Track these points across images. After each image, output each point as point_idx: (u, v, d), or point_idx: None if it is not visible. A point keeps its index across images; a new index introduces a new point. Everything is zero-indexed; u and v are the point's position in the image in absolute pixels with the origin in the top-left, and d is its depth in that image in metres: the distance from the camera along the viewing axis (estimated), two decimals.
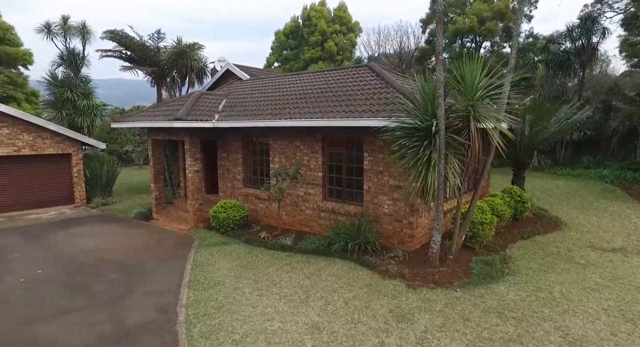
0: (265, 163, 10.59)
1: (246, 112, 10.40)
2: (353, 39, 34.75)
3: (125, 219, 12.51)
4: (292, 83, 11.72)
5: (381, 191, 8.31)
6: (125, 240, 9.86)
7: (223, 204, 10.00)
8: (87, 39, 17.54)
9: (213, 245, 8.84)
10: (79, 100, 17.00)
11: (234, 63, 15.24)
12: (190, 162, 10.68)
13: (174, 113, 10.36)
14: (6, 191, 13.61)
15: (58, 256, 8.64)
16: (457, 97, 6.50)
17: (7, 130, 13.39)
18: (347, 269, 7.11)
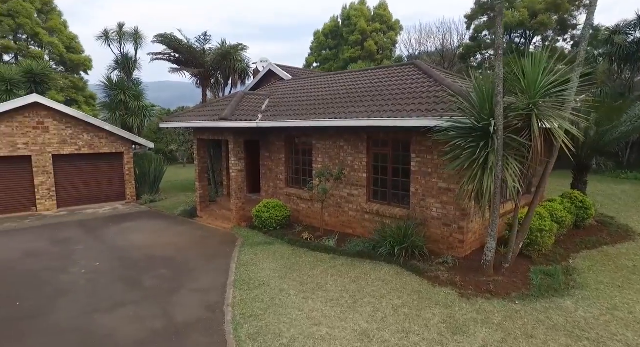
0: (308, 163, 10.52)
1: (289, 112, 10.39)
2: (393, 38, 34.06)
3: (172, 216, 12.96)
4: (335, 82, 11.58)
5: (429, 193, 7.95)
6: (172, 236, 10.17)
7: (266, 204, 10.05)
8: (139, 44, 18.49)
9: (256, 244, 8.88)
10: (131, 102, 17.90)
11: (275, 63, 15.36)
12: (234, 161, 10.84)
13: (219, 113, 10.55)
14: (69, 187, 14.57)
15: (112, 249, 9.06)
16: (519, 95, 6.03)
17: (71, 130, 14.33)
18: (394, 274, 6.83)
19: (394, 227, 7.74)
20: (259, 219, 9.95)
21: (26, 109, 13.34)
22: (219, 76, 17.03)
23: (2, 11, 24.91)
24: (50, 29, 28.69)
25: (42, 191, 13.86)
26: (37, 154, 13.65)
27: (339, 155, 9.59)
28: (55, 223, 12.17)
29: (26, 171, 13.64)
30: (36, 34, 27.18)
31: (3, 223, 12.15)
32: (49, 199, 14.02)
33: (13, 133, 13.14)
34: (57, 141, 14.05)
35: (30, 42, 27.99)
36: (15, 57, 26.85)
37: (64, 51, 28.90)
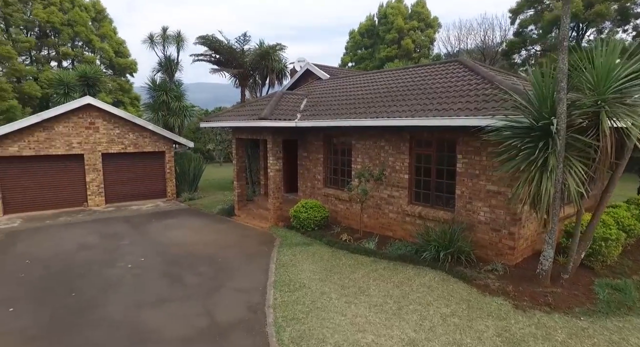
0: (347, 163, 10.34)
1: (328, 112, 10.26)
2: (431, 35, 33.09)
3: (210, 214, 13.22)
4: (375, 81, 11.31)
5: (476, 196, 7.52)
6: (211, 234, 10.34)
7: (304, 204, 9.97)
8: (181, 46, 19.09)
9: (295, 245, 8.82)
10: (172, 102, 18.51)
11: (313, 63, 15.31)
12: (273, 161, 10.86)
13: (259, 113, 10.61)
14: (116, 184, 15.29)
15: (155, 245, 9.33)
16: (585, 91, 5.51)
17: (118, 130, 15.03)
18: (440, 281, 6.50)
19: (438, 231, 7.38)
20: (297, 219, 9.89)
21: (80, 110, 14.12)
22: (257, 76, 17.23)
23: (63, 21, 26.67)
24: (101, 35, 30.42)
25: (93, 187, 14.62)
26: (88, 152, 14.41)
27: (379, 155, 9.33)
28: (103, 218, 12.78)
29: (79, 169, 14.45)
30: (90, 41, 28.90)
31: (60, 217, 12.92)
32: (99, 195, 14.76)
33: (69, 133, 13.95)
34: (106, 140, 14.77)
35: (84, 48, 29.80)
36: (72, 62, 28.69)
37: (113, 55, 30.52)
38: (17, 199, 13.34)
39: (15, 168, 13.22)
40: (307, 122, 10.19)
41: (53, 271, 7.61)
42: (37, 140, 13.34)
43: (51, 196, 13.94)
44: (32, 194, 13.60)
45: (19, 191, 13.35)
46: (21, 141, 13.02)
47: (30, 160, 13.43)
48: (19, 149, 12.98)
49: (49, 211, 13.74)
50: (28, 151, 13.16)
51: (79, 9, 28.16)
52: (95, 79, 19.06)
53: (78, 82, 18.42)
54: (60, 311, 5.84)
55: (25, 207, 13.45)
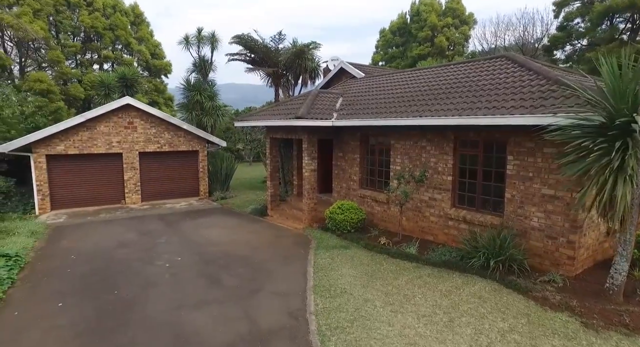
0: (385, 164, 9.97)
1: (365, 111, 9.93)
2: (466, 32, 31.90)
3: (243, 214, 13.20)
4: (414, 79, 10.87)
5: (529, 200, 6.96)
6: (245, 234, 10.26)
7: (340, 206, 9.69)
8: (215, 46, 19.31)
9: (332, 248, 8.55)
10: (206, 102, 18.74)
11: (347, 61, 15.01)
12: (308, 161, 10.66)
13: (294, 112, 10.44)
14: (151, 183, 15.63)
15: (191, 244, 9.35)
16: None
17: (154, 130, 15.36)
18: (491, 291, 6.04)
19: (486, 236, 6.89)
20: (333, 221, 9.63)
21: (119, 110, 14.52)
22: (290, 76, 17.13)
23: (105, 26, 27.81)
24: (139, 38, 31.43)
25: (130, 185, 15.00)
26: (127, 151, 14.79)
27: (420, 156, 8.91)
28: (140, 216, 13.04)
29: (117, 167, 14.86)
30: (129, 43, 29.92)
31: (100, 213, 13.32)
32: (135, 193, 15.12)
33: (109, 132, 14.37)
34: (143, 139, 15.11)
35: (123, 50, 30.91)
36: (112, 65, 29.84)
37: (149, 57, 31.46)
38: (63, 196, 13.87)
39: (61, 166, 13.76)
40: (344, 121, 9.91)
41: (96, 267, 7.74)
42: (80, 139, 13.82)
43: (92, 193, 14.41)
44: (75, 191, 14.11)
45: (64, 188, 13.89)
46: (67, 140, 13.52)
47: (75, 159, 13.93)
48: (64, 147, 13.49)
49: (90, 207, 14.21)
50: (73, 150, 13.65)
51: (120, 14, 29.23)
52: (133, 80, 19.63)
53: (117, 83, 19.06)
54: (105, 308, 5.87)
55: (69, 203, 13.97)
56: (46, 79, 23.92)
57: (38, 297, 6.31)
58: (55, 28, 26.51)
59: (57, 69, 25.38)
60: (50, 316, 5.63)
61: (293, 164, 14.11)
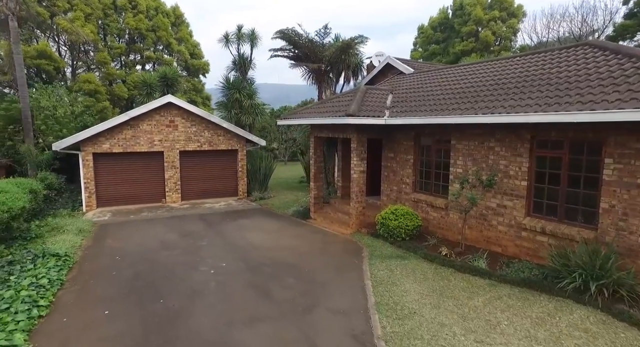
0: (443, 166, 9.06)
1: (421, 108, 9.07)
2: (515, 26, 29.92)
3: (284, 216, 12.69)
4: (475, 73, 9.87)
5: (636, 212, 5.86)
6: (290, 239, 9.70)
7: (393, 211, 8.90)
8: (255, 44, 19.01)
9: (387, 257, 7.78)
10: (245, 101, 18.48)
11: (394, 57, 14.15)
12: (357, 161, 9.95)
13: (342, 109, 9.77)
14: (191, 182, 15.51)
15: (234, 248, 8.89)
16: None
17: (195, 128, 15.21)
18: (598, 322, 5.01)
19: (581, 253, 5.87)
20: (385, 227, 8.85)
21: (161, 109, 14.45)
22: (331, 72, 16.48)
23: (148, 27, 28.53)
24: (179, 39, 32.01)
25: (170, 184, 14.91)
26: (168, 150, 14.71)
27: (486, 158, 7.95)
28: (180, 215, 12.86)
29: (159, 166, 14.82)
30: (169, 44, 30.54)
31: (142, 212, 13.28)
32: (175, 192, 15.03)
33: (151, 130, 14.34)
34: (183, 138, 14.99)
35: (164, 51, 31.60)
36: (153, 65, 30.56)
37: (188, 57, 31.96)
38: (108, 194, 13.98)
39: (106, 164, 13.86)
40: (399, 119, 9.10)
41: (140, 270, 7.43)
42: (124, 137, 13.86)
43: (134, 192, 14.44)
44: (119, 189, 14.18)
45: (109, 186, 13.99)
46: (112, 139, 13.59)
47: (119, 157, 14.00)
48: (110, 146, 13.56)
49: (132, 205, 14.23)
50: (117, 148, 13.70)
51: (162, 15, 29.86)
52: (174, 79, 19.72)
53: (159, 82, 19.21)
54: (151, 319, 5.44)
55: (113, 201, 14.05)
56: (94, 80, 24.77)
57: (85, 302, 6.02)
58: (103, 31, 27.45)
59: (104, 70, 26.26)
60: (97, 326, 5.27)
61: (337, 164, 13.41)
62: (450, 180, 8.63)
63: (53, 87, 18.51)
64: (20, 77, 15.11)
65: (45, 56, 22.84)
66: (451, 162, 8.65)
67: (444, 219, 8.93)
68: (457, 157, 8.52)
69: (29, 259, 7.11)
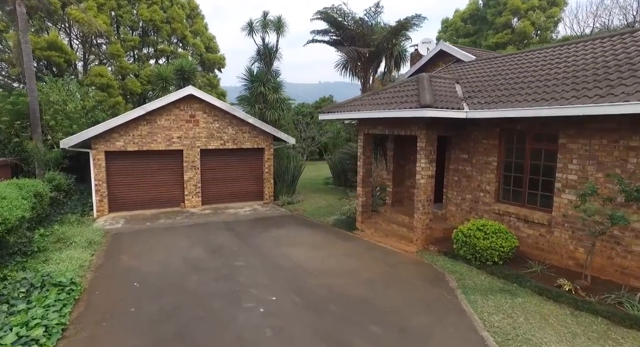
0: (543, 171, 7.15)
1: (513, 98, 7.17)
2: (556, 15, 27.65)
3: (323, 226, 10.93)
4: (573, 55, 7.93)
5: None
6: (344, 258, 7.91)
7: (480, 226, 7.03)
8: (282, 32, 17.26)
9: (487, 291, 5.92)
10: (270, 94, 16.77)
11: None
12: (425, 164, 8.10)
13: (410, 100, 7.95)
14: (212, 184, 13.85)
15: (280, 272, 7.14)
16: None
17: (217, 124, 13.53)
18: None
19: None
20: (469, 247, 7.00)
21: (181, 102, 12.81)
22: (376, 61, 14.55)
23: (162, 19, 27.01)
24: (194, 32, 30.46)
25: (190, 186, 13.27)
26: (187, 148, 13.07)
27: (622, 161, 6.01)
28: (202, 222, 11.23)
29: (177, 166, 13.18)
30: (184, 37, 29.01)
31: (159, 218, 11.65)
32: (195, 195, 13.38)
33: (170, 126, 12.71)
34: (205, 135, 13.33)
35: (178, 44, 30.08)
36: (167, 59, 29.01)
37: (204, 51, 30.38)
38: (121, 197, 12.39)
39: (119, 164, 12.25)
40: (488, 111, 7.21)
41: (166, 305, 5.70)
42: (140, 134, 12.23)
43: (151, 195, 12.83)
44: (134, 192, 12.58)
45: (122, 189, 12.39)
46: (126, 135, 11.97)
47: (133, 156, 12.38)
48: (124, 143, 11.94)
49: (148, 210, 12.62)
50: (132, 146, 12.07)
51: (177, 6, 28.32)
52: (191, 72, 18.09)
53: (174, 75, 17.59)
54: None
55: (128, 205, 12.45)
56: (106, 74, 23.26)
57: None
58: (116, 22, 25.99)
59: (116, 63, 24.78)
60: None
61: (387, 167, 11.56)
62: (557, 189, 6.72)
63: (63, 81, 17.03)
64: (28, 69, 13.61)
65: (56, 48, 21.39)
66: (558, 166, 6.74)
67: (544, 238, 7.03)
68: (569, 159, 6.61)
69: (23, 292, 5.37)
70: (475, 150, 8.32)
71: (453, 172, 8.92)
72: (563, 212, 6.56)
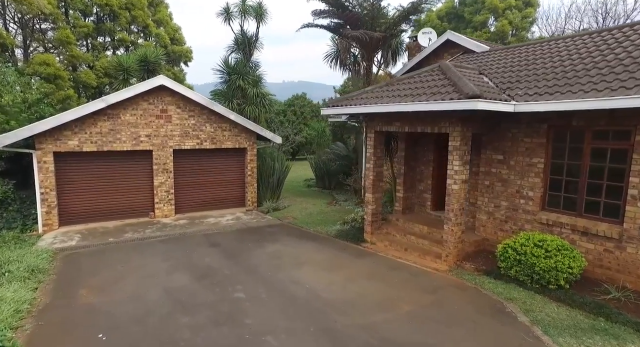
0: (609, 175, 6.07)
1: (569, 87, 6.07)
2: (532, 15, 27.91)
3: (323, 238, 9.46)
4: (617, 43, 6.98)
5: None
6: (367, 283, 6.46)
7: (538, 242, 5.84)
8: (263, 19, 15.55)
9: (578, 330, 4.64)
10: (249, 89, 15.03)
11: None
12: (458, 167, 6.82)
13: (441, 91, 6.66)
14: (187, 190, 11.94)
15: (295, 306, 5.57)
16: None
17: (193, 121, 11.64)
18: None
19: None
20: (526, 267, 5.79)
21: (151, 94, 10.82)
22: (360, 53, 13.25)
23: (121, 4, 24.19)
24: (158, 21, 27.76)
25: (161, 193, 11.29)
26: (158, 148, 11.09)
27: None
28: (179, 236, 9.45)
29: (145, 169, 11.16)
30: (146, 26, 26.28)
31: (124, 232, 9.65)
32: (167, 203, 11.42)
33: (137, 123, 10.66)
34: (179, 133, 11.40)
35: (140, 34, 27.24)
36: (126, 49, 26.10)
37: (168, 43, 27.76)
38: (76, 207, 10.21)
39: (73, 168, 10.06)
40: (542, 104, 6.03)
41: None
42: (99, 132, 10.11)
43: (113, 204, 10.73)
44: (91, 200, 10.43)
45: (77, 197, 10.22)
46: (82, 133, 9.81)
47: (91, 158, 10.23)
48: (79, 143, 9.77)
49: (110, 222, 10.54)
50: (89, 146, 9.92)
51: None
52: (156, 63, 15.87)
53: (138, 66, 15.31)
54: None
55: (84, 217, 10.30)
56: (54, 62, 20.20)
57: None
58: (64, 4, 22.84)
59: (66, 52, 21.70)
60: None
61: (400, 170, 10.23)
62: (632, 196, 5.66)
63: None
64: None
65: None
66: (633, 169, 5.67)
67: (611, 255, 5.96)
68: None
69: None
70: (513, 150, 7.17)
71: (484, 175, 7.74)
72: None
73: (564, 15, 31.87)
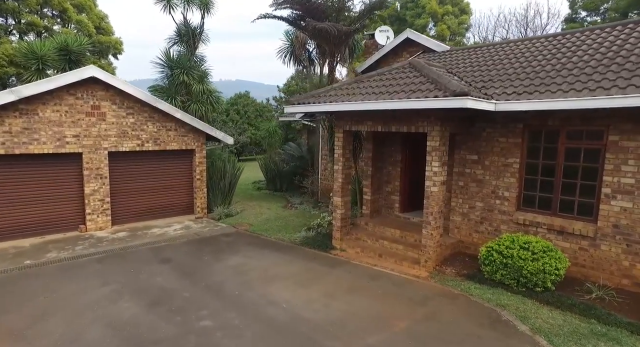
0: (583, 174, 6.16)
1: (547, 87, 6.08)
2: (467, 21, 29.65)
3: (287, 246, 8.74)
4: (596, 43, 7.25)
5: None
6: (350, 297, 5.89)
7: (523, 244, 5.72)
8: (208, 10, 14.27)
9: (580, 337, 4.48)
10: (194, 85, 13.70)
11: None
12: (437, 168, 6.54)
13: (420, 88, 6.32)
14: (126, 197, 10.44)
15: (275, 332, 4.80)
16: None
17: (133, 119, 10.18)
18: None
19: None
20: (513, 271, 5.65)
21: (78, 88, 9.18)
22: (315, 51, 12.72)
23: None
24: (78, 6, 24.56)
25: (94, 202, 9.71)
26: (89, 150, 9.50)
27: None
28: (119, 251, 8.14)
29: (73, 175, 9.50)
30: (64, 10, 23.05)
31: (47, 251, 8.04)
32: (102, 213, 9.86)
33: (61, 121, 8.97)
34: (115, 133, 9.90)
35: (56, 19, 23.84)
36: (38, 34, 22.63)
37: (93, 31, 24.73)
38: None
39: None
40: (524, 103, 5.92)
41: None
42: (9, 130, 8.31)
43: (29, 217, 8.96)
44: (1, 215, 8.55)
45: None
46: None
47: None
48: None
49: (25, 239, 8.78)
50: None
51: None
52: (80, 54, 13.67)
53: (56, 56, 13.06)
54: None
55: None
56: None
57: None
58: None
59: None
60: None
61: (367, 170, 9.80)
62: (605, 195, 5.78)
63: None
64: None
65: None
66: (607, 168, 5.79)
67: (586, 253, 6.06)
68: (622, 160, 5.68)
69: None
70: (488, 150, 7.09)
71: (458, 176, 7.60)
72: (614, 221, 5.63)
73: (494, 23, 34.41)
